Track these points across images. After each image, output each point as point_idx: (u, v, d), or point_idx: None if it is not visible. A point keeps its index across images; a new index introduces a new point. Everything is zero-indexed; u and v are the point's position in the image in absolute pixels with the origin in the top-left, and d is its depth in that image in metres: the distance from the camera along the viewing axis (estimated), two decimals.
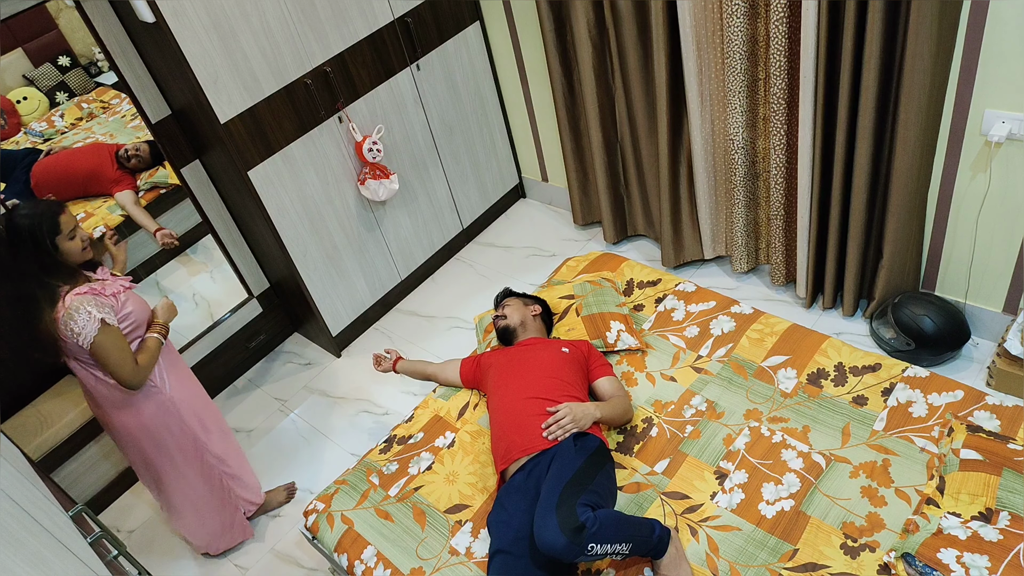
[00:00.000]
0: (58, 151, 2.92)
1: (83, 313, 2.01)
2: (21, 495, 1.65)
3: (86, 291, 2.05)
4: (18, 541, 1.33)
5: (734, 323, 2.50)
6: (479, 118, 3.72)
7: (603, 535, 1.76)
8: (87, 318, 2.01)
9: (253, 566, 2.76)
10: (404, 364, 2.68)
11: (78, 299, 2.02)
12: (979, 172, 2.45)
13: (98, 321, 2.02)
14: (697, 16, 2.65)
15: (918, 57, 2.25)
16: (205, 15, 2.59)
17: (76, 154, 2.98)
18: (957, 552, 1.68)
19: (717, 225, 3.22)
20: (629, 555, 1.81)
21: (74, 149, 2.98)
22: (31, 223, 1.98)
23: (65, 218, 2.04)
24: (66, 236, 2.04)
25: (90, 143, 3.02)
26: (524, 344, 2.42)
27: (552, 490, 1.87)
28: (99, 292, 2.09)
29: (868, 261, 2.83)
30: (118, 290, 2.16)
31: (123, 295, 2.16)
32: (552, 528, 1.76)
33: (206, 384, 3.40)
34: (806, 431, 2.13)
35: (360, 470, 2.40)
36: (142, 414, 2.27)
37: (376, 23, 3.10)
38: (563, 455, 2.01)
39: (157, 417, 2.30)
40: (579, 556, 1.75)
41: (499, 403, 2.24)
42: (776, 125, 2.69)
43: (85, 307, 2.01)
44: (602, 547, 1.75)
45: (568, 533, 1.73)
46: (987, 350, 2.74)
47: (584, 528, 1.75)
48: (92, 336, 2.02)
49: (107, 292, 2.11)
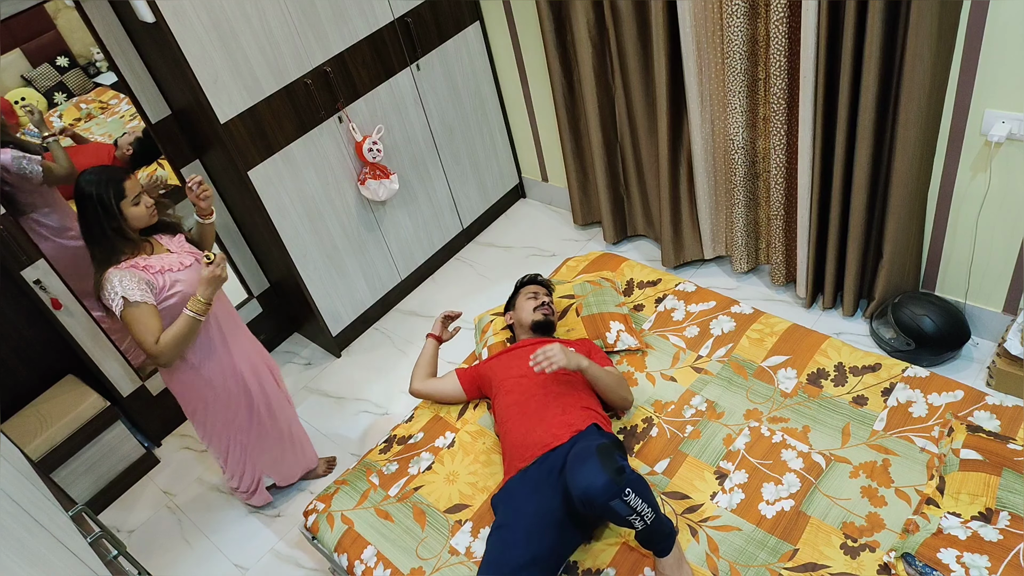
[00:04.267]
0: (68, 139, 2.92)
1: (110, 288, 2.07)
2: (21, 495, 1.65)
3: (125, 266, 2.10)
4: (18, 541, 1.33)
5: (734, 323, 2.50)
6: (479, 118, 3.72)
7: (639, 487, 1.72)
8: (112, 294, 2.07)
9: (253, 566, 2.76)
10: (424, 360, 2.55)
11: (113, 272, 2.09)
12: (979, 172, 2.45)
13: (120, 299, 2.06)
14: (697, 16, 2.65)
15: (918, 57, 2.25)
16: (205, 15, 2.59)
17: (78, 152, 2.98)
18: (957, 552, 1.68)
19: (717, 225, 3.22)
20: (648, 528, 1.75)
21: (76, 147, 2.98)
22: (97, 189, 2.04)
23: (130, 184, 2.09)
24: (130, 201, 2.09)
25: (92, 143, 3.03)
26: (524, 345, 2.41)
27: (586, 447, 1.85)
28: (141, 267, 2.12)
29: (868, 261, 2.83)
30: (173, 266, 2.18)
31: (178, 273, 2.18)
32: (593, 467, 1.72)
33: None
34: (806, 431, 2.13)
35: (360, 470, 2.40)
36: (174, 383, 2.36)
37: (376, 23, 3.10)
38: (586, 438, 2.02)
39: (191, 389, 2.37)
40: (617, 498, 1.69)
41: (513, 403, 2.22)
42: (776, 125, 2.69)
43: (114, 282, 2.07)
44: (635, 499, 1.70)
45: (610, 472, 1.70)
46: (987, 350, 2.74)
47: (624, 471, 1.73)
48: (118, 310, 2.08)
49: (157, 267, 2.14)
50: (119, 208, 2.08)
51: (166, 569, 2.83)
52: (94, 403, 2.98)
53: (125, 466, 3.14)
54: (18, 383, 3.00)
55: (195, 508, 3.02)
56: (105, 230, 2.08)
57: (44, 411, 2.96)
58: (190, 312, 2.11)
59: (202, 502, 3.04)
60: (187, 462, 3.22)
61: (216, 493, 3.06)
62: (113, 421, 3.03)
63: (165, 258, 2.19)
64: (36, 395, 3.04)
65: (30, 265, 2.71)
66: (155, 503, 3.09)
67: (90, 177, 2.07)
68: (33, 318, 2.94)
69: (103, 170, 2.10)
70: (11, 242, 2.64)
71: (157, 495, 3.12)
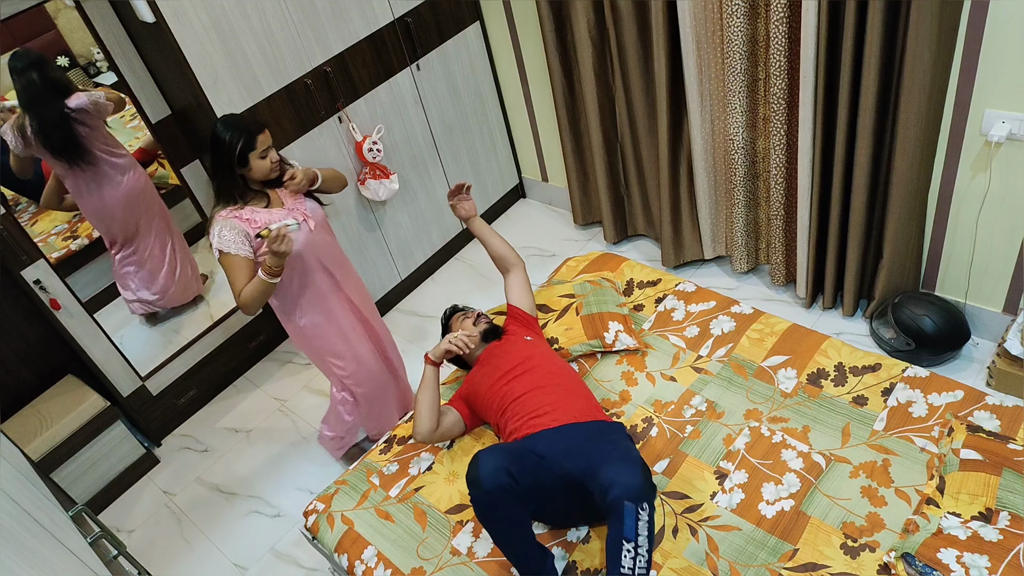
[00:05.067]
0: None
1: (213, 231, 2.21)
2: (21, 495, 1.65)
3: (229, 214, 2.21)
4: (18, 541, 1.33)
5: (734, 323, 2.50)
6: (479, 118, 3.72)
7: (652, 527, 1.75)
8: (213, 238, 2.21)
9: (253, 566, 2.76)
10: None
11: (219, 218, 2.21)
12: (979, 172, 2.45)
13: (216, 251, 2.20)
14: (697, 16, 2.65)
15: (918, 57, 2.25)
16: (205, 15, 2.59)
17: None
18: (957, 552, 1.68)
19: (717, 225, 3.22)
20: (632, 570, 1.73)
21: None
22: (231, 136, 2.15)
23: (262, 138, 2.19)
24: (258, 154, 2.20)
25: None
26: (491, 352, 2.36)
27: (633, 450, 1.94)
28: (244, 219, 2.21)
29: (868, 261, 2.83)
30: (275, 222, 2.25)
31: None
32: (636, 471, 1.78)
33: (206, 383, 3.42)
34: (806, 431, 2.13)
35: (360, 470, 2.40)
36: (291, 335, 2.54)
37: (376, 23, 3.10)
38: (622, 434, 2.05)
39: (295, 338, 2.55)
40: (640, 503, 1.72)
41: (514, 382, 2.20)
42: (776, 125, 2.69)
43: (215, 229, 2.20)
44: (644, 526, 1.73)
45: (646, 482, 1.76)
46: (987, 350, 2.74)
47: (655, 490, 1.81)
48: (216, 255, 2.22)
49: (260, 222, 2.23)
50: (246, 158, 2.18)
51: (166, 569, 2.83)
52: (94, 403, 2.98)
53: (125, 466, 3.14)
54: (18, 383, 3.00)
55: (195, 508, 3.03)
56: (229, 173, 2.20)
57: (44, 411, 2.96)
58: (262, 275, 2.19)
59: (202, 502, 3.04)
60: (187, 462, 3.22)
61: (216, 493, 3.07)
62: (113, 421, 3.03)
63: (274, 213, 2.28)
64: (36, 395, 3.04)
65: (30, 265, 2.71)
66: (155, 503, 3.09)
67: (228, 121, 2.20)
68: (33, 318, 2.94)
69: (240, 119, 2.22)
70: (11, 242, 2.65)
71: (157, 495, 3.12)
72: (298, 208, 2.34)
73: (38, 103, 2.72)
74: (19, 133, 2.74)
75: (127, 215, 3.03)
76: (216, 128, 2.18)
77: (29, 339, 2.97)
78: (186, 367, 3.31)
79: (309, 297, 2.43)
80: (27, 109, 2.74)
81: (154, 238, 3.12)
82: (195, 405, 3.42)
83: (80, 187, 2.92)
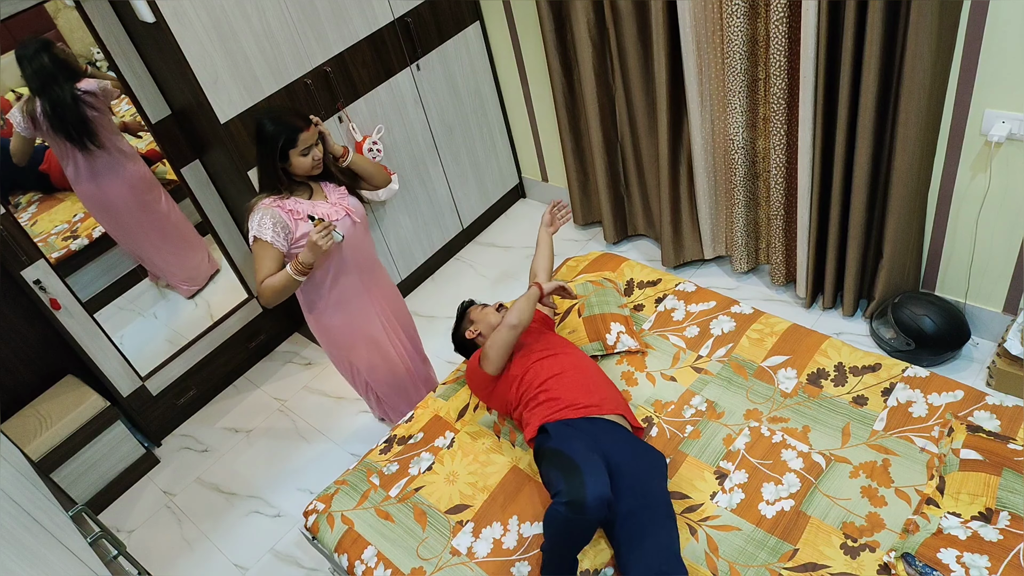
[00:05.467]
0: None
1: (253, 218, 2.23)
2: (21, 495, 1.65)
3: (272, 203, 2.23)
4: (18, 541, 1.33)
5: (734, 323, 2.50)
6: (479, 118, 3.72)
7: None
8: (251, 224, 2.23)
9: (253, 566, 2.76)
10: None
11: (260, 205, 2.23)
12: (979, 172, 2.45)
13: (251, 236, 2.22)
14: (697, 16, 2.65)
15: (918, 57, 2.25)
16: (205, 15, 2.59)
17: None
18: (957, 552, 1.68)
19: (717, 225, 3.22)
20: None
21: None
22: (275, 131, 2.17)
23: (304, 136, 2.19)
24: (299, 151, 2.21)
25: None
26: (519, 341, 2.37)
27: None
28: (287, 209, 2.23)
29: (868, 261, 2.83)
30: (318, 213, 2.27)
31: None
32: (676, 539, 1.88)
33: (205, 383, 3.42)
34: (806, 431, 2.13)
35: (360, 470, 2.40)
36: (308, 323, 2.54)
37: (376, 23, 3.10)
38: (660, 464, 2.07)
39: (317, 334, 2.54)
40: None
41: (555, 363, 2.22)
42: (776, 125, 2.69)
43: (256, 216, 2.22)
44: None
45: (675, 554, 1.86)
46: (987, 350, 2.74)
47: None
48: (249, 240, 2.25)
49: (301, 214, 2.24)
50: (287, 154, 2.20)
51: (166, 569, 2.83)
52: (94, 403, 2.98)
53: (125, 466, 3.14)
54: (18, 383, 3.00)
55: (195, 508, 3.03)
56: (271, 165, 2.22)
57: (44, 411, 2.96)
58: (290, 269, 2.20)
59: (202, 502, 3.04)
60: (187, 462, 3.22)
61: (216, 493, 3.07)
62: (113, 421, 3.03)
63: (318, 205, 2.29)
64: (36, 395, 3.04)
65: (30, 265, 2.71)
66: (155, 503, 3.09)
67: (273, 115, 2.21)
68: (33, 318, 2.94)
69: (285, 115, 2.21)
70: (11, 242, 2.65)
71: (157, 495, 3.12)
72: (340, 203, 2.34)
73: (51, 85, 2.75)
74: (28, 116, 2.78)
75: (129, 204, 3.07)
76: (262, 120, 2.20)
77: (29, 339, 2.97)
78: (186, 367, 3.31)
79: (337, 295, 2.43)
80: (39, 93, 2.77)
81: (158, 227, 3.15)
82: (195, 405, 3.42)
83: (82, 173, 2.93)
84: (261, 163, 2.23)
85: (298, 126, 2.17)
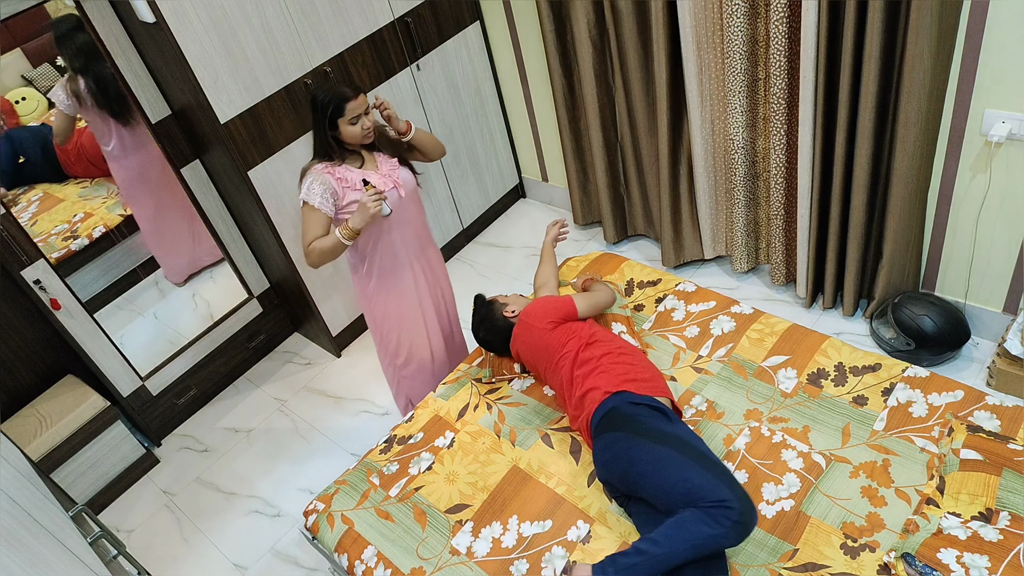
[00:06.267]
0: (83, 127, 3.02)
1: (304, 183, 2.30)
2: (21, 495, 1.65)
3: (324, 169, 2.30)
4: (18, 541, 1.33)
5: (734, 323, 2.50)
6: (479, 118, 3.72)
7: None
8: (302, 188, 2.30)
9: (253, 566, 2.76)
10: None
11: (312, 171, 2.31)
12: (979, 172, 2.45)
13: (301, 200, 2.30)
14: (697, 16, 2.65)
15: (918, 57, 2.25)
16: (205, 15, 2.59)
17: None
18: (957, 552, 1.68)
19: (717, 225, 3.22)
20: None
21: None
22: (324, 100, 2.25)
23: (352, 105, 2.25)
24: (347, 120, 2.27)
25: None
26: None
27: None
28: (337, 177, 2.30)
29: (868, 261, 2.83)
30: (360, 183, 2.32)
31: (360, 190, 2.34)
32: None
33: (206, 383, 3.42)
34: (806, 431, 2.13)
35: (360, 470, 2.40)
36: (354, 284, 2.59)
37: (376, 23, 3.10)
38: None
39: (360, 298, 2.60)
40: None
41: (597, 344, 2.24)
42: (776, 125, 2.69)
43: (307, 181, 2.29)
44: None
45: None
46: (987, 350, 2.74)
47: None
48: (299, 204, 2.32)
49: (350, 181, 2.30)
50: (336, 123, 2.27)
51: (166, 569, 2.83)
52: (94, 403, 2.98)
53: (125, 466, 3.14)
54: (18, 383, 3.01)
55: (195, 508, 3.03)
56: (322, 133, 2.29)
57: (44, 411, 2.96)
58: (338, 233, 2.26)
59: (202, 502, 3.04)
60: (187, 462, 3.22)
61: (216, 493, 3.07)
62: (113, 421, 3.03)
63: (368, 175, 2.34)
64: (36, 395, 3.04)
65: (30, 265, 2.71)
66: (155, 503, 3.09)
67: (324, 84, 2.34)
68: (33, 318, 2.94)
69: (336, 85, 2.28)
70: (11, 242, 2.65)
71: (157, 495, 3.13)
72: (391, 175, 2.38)
73: (94, 61, 2.77)
74: (72, 94, 2.83)
75: (162, 176, 3.12)
76: (315, 90, 2.28)
77: (29, 339, 2.97)
78: (186, 367, 3.31)
79: (382, 264, 2.47)
80: (82, 72, 2.81)
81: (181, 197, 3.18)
82: (195, 405, 3.42)
83: (125, 146, 2.99)
84: (315, 130, 2.31)
85: (346, 95, 2.24)
